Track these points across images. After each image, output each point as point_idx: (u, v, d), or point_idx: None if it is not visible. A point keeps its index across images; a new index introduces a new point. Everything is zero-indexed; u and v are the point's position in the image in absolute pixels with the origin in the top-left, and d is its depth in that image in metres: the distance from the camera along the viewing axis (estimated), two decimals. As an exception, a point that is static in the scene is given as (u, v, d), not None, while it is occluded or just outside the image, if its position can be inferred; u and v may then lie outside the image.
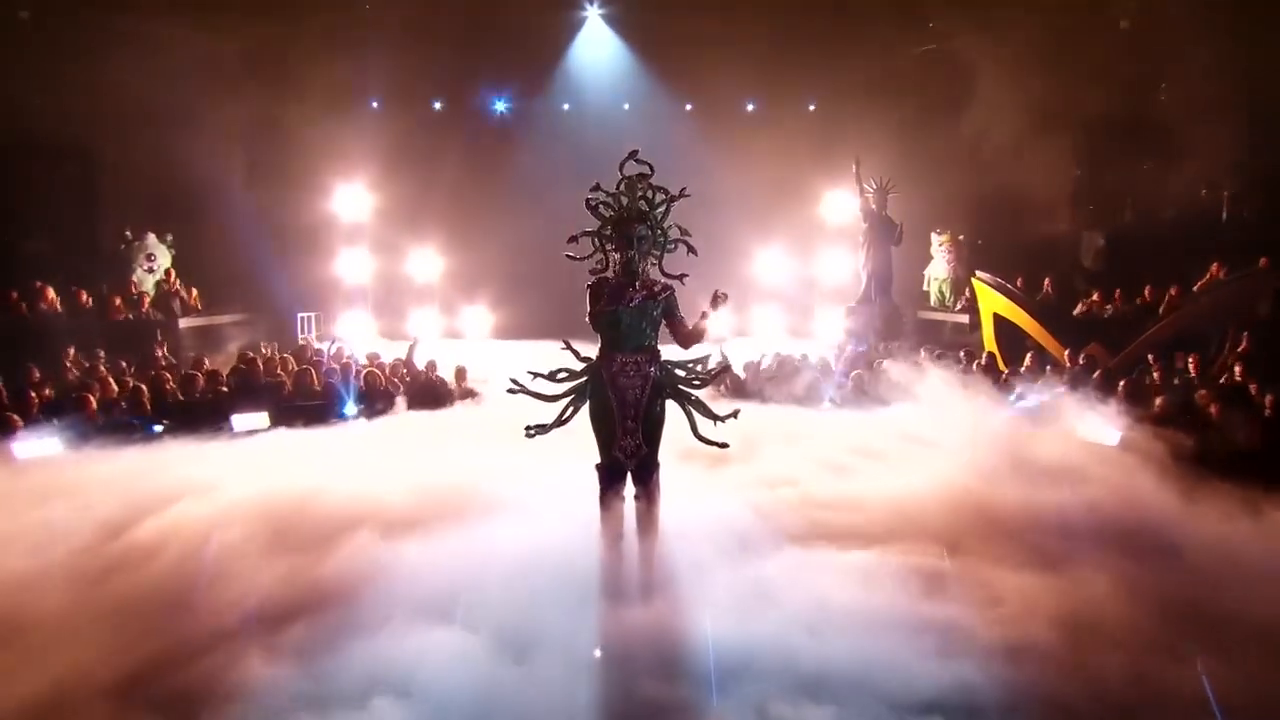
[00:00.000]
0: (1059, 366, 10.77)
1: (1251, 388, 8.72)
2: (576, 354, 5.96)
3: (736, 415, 6.03)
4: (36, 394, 9.05)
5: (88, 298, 12.86)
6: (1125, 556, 5.70)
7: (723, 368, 7.24)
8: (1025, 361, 11.18)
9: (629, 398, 5.74)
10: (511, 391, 5.94)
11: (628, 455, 5.76)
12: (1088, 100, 13.42)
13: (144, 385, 9.50)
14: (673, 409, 5.95)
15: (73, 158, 14.06)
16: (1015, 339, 12.17)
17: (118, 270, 14.00)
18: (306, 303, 15.17)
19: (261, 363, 10.76)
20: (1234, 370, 9.53)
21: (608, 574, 5.65)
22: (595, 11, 16.26)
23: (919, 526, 6.43)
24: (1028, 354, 11.42)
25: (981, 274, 13.25)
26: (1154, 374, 9.96)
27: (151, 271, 13.97)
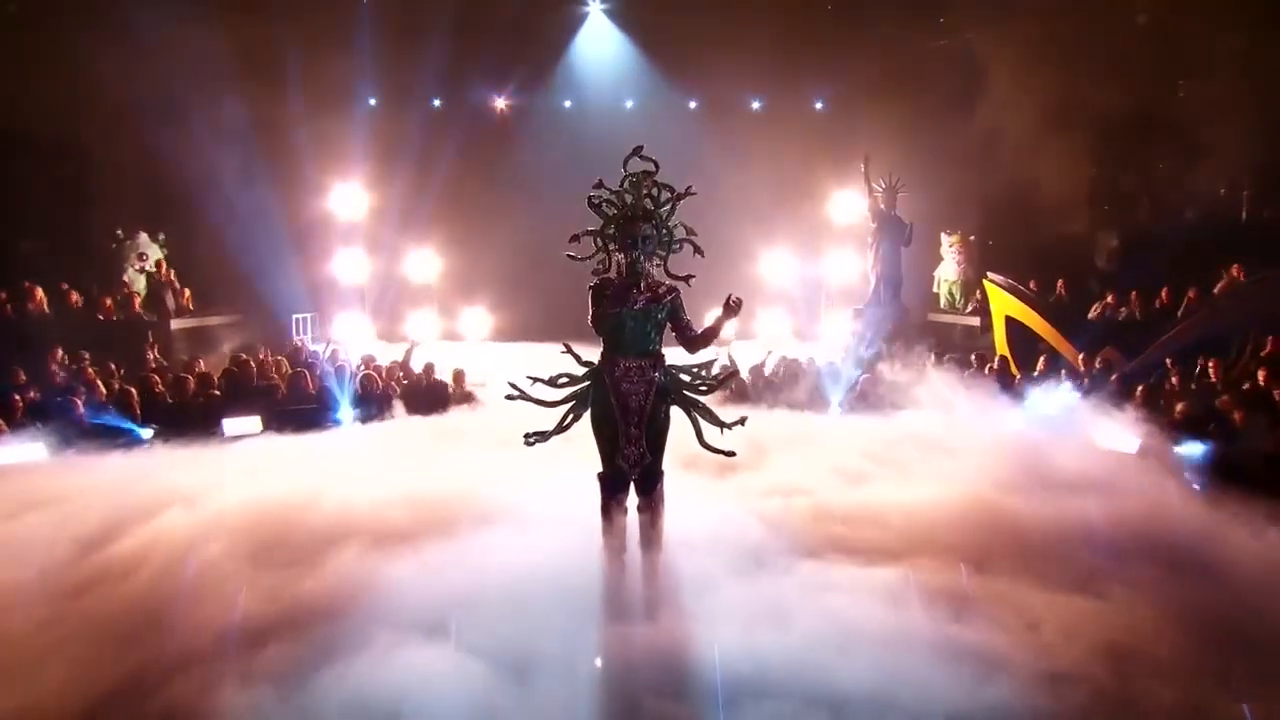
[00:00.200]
0: (1074, 371, 10.63)
1: (1276, 393, 8.58)
2: (578, 358, 5.83)
3: (744, 422, 5.87)
4: (21, 397, 8.90)
5: (78, 298, 12.65)
6: (1160, 574, 5.52)
7: (730, 373, 7.17)
8: (1038, 366, 11.01)
9: (632, 404, 5.58)
10: (510, 398, 5.81)
11: (631, 464, 5.61)
12: (1103, 97, 13.25)
13: (133, 389, 9.40)
14: (677, 415, 5.78)
15: (64, 155, 13.88)
16: (1028, 342, 12.06)
17: (109, 270, 13.81)
18: (302, 304, 14.95)
19: (255, 365, 10.54)
20: (1257, 375, 9.32)
21: (610, 589, 5.47)
22: (597, 6, 16.10)
23: (941, 540, 6.23)
24: (1041, 358, 11.26)
25: (993, 275, 13.13)
26: (1173, 379, 9.75)
27: (143, 271, 13.79)
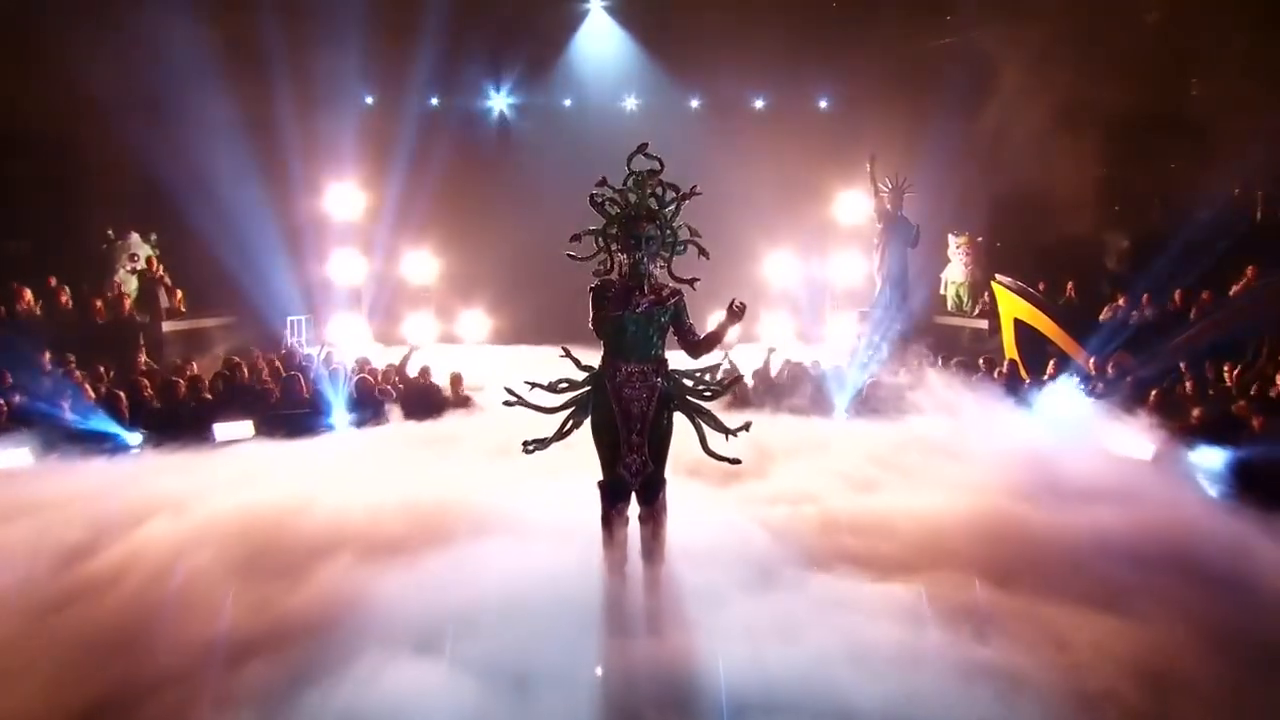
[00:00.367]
0: (1084, 375, 10.45)
1: (1293, 398, 8.34)
2: (578, 362, 5.68)
3: (749, 428, 5.73)
4: (6, 401, 8.74)
5: (68, 299, 12.44)
6: (1187, 588, 5.32)
7: (734, 378, 7.09)
8: (1048, 369, 10.85)
9: (634, 410, 5.45)
10: (508, 404, 5.67)
11: (632, 473, 5.48)
12: (1114, 96, 13.10)
13: (122, 392, 9.22)
14: (680, 422, 5.64)
15: (53, 154, 13.65)
16: (1037, 346, 11.87)
17: (99, 270, 13.62)
18: (296, 306, 14.75)
19: (247, 368, 10.33)
20: (1274, 379, 9.08)
21: (610, 601, 5.33)
22: (598, 3, 15.92)
23: (955, 551, 6.05)
24: (1050, 361, 11.09)
25: (1001, 277, 12.95)
26: (1187, 384, 9.54)
27: (134, 272, 13.61)
